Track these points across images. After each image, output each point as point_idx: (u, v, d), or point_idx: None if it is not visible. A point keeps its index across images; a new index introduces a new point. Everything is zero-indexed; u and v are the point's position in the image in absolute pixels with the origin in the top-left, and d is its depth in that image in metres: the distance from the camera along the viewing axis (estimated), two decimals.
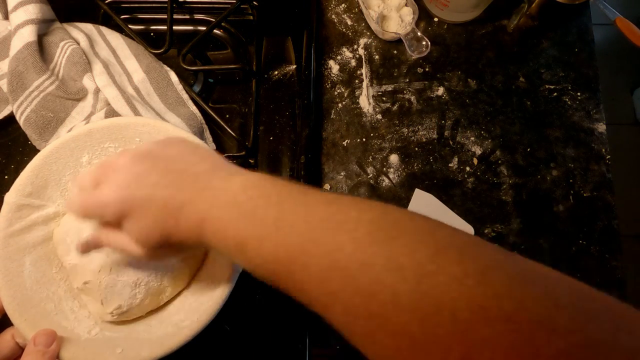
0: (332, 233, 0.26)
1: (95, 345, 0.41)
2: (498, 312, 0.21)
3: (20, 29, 0.50)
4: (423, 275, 0.23)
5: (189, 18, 0.60)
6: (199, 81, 0.57)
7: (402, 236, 0.25)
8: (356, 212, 0.26)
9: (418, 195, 0.57)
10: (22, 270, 0.42)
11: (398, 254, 0.24)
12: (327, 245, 0.26)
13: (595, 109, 0.60)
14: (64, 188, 0.45)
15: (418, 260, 0.23)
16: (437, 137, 0.59)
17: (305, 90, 0.57)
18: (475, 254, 0.24)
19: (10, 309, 0.40)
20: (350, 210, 0.27)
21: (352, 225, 0.26)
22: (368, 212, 0.26)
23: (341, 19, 0.64)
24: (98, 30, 0.56)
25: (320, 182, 0.57)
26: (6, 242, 0.42)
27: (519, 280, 0.22)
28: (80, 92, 0.52)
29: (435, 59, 0.62)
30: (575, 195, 0.57)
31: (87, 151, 0.46)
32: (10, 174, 0.54)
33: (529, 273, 0.23)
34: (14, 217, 0.43)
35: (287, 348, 0.49)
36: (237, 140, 0.54)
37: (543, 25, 0.63)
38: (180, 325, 0.41)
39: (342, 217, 0.26)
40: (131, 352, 0.40)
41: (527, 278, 0.23)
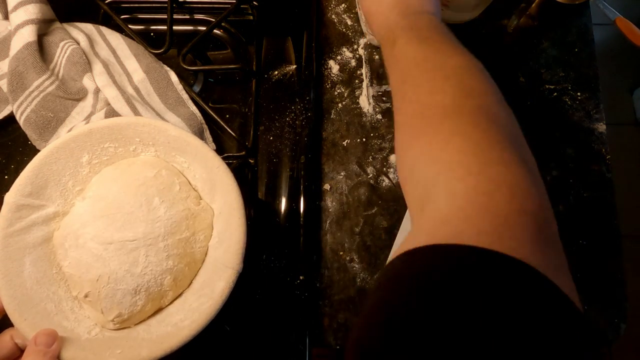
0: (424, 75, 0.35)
1: (95, 346, 0.41)
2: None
3: (20, 29, 0.50)
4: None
5: (189, 18, 0.60)
6: (199, 81, 0.57)
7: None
8: (443, 57, 0.36)
9: None
10: (22, 270, 0.42)
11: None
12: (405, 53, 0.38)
13: (595, 109, 0.60)
14: (64, 188, 0.45)
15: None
16: None
17: (305, 90, 0.57)
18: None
19: (10, 308, 0.40)
20: (439, 55, 0.37)
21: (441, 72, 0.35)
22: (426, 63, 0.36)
23: (341, 19, 0.64)
24: (98, 30, 0.56)
25: (320, 182, 0.57)
26: (6, 242, 0.42)
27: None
28: (80, 92, 0.52)
29: None
30: (575, 195, 0.57)
31: (87, 151, 0.46)
32: (10, 174, 0.54)
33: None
34: (14, 217, 0.43)
35: (287, 348, 0.49)
36: (237, 140, 0.54)
37: (543, 25, 0.63)
38: (180, 326, 0.41)
39: (430, 65, 0.35)
40: (131, 352, 0.40)
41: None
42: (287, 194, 0.53)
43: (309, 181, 0.54)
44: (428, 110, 0.31)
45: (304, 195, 0.53)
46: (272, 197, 0.53)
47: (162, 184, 0.45)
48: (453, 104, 0.30)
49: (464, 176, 0.26)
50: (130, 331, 0.43)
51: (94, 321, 0.43)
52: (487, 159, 0.26)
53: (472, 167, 0.26)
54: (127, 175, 0.45)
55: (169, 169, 0.47)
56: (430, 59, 0.35)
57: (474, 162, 0.26)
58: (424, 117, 0.31)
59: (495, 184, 0.25)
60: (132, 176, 0.45)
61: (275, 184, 0.54)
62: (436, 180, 0.27)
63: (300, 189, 0.53)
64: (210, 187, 0.46)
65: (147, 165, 0.46)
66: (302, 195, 0.53)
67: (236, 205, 0.44)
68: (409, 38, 0.38)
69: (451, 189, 0.26)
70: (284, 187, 0.54)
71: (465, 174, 0.26)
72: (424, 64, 0.35)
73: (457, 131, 0.29)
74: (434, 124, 0.30)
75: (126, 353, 0.40)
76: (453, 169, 0.27)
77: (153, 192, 0.44)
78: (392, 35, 0.39)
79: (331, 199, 0.57)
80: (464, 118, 0.29)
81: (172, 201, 0.44)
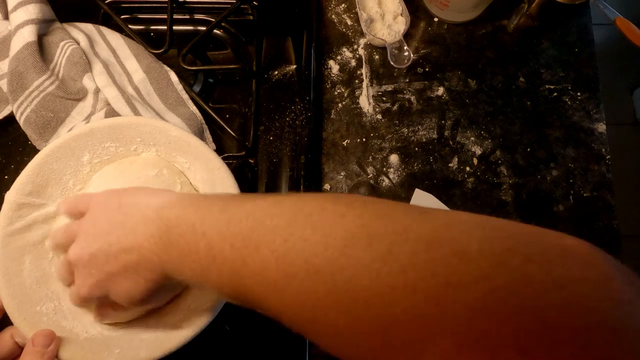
0: (255, 250, 0.27)
1: (93, 345, 0.41)
2: (404, 286, 0.21)
3: (20, 29, 0.50)
4: (336, 272, 0.23)
5: (189, 18, 0.60)
6: (199, 81, 0.57)
7: (315, 233, 0.25)
8: (270, 220, 0.27)
9: (418, 195, 0.57)
10: (22, 269, 0.42)
11: (313, 256, 0.24)
12: (255, 264, 0.26)
13: (595, 109, 0.60)
14: (64, 187, 0.45)
15: (330, 256, 0.24)
16: (437, 137, 0.59)
17: (305, 90, 0.57)
18: (384, 229, 0.24)
19: (10, 307, 0.40)
20: (265, 218, 0.27)
21: (271, 236, 0.26)
22: (281, 217, 0.27)
23: (341, 19, 0.64)
24: (98, 30, 0.56)
25: (320, 182, 0.57)
26: (6, 241, 0.42)
27: (425, 244, 0.22)
28: (80, 92, 0.52)
29: (435, 59, 0.62)
30: (575, 195, 0.57)
31: (87, 150, 0.46)
32: (10, 174, 0.54)
33: (439, 232, 0.23)
34: (14, 215, 0.42)
35: (287, 348, 0.49)
36: (237, 140, 0.54)
37: (543, 25, 0.63)
38: (180, 326, 0.41)
39: (261, 230, 0.27)
40: (130, 352, 0.40)
41: (435, 239, 0.23)
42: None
43: (309, 181, 0.54)
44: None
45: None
46: None
47: (164, 182, 0.45)
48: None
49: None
50: (129, 331, 0.43)
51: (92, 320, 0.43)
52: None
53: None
54: (128, 174, 0.45)
55: (170, 169, 0.47)
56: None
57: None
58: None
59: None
60: (133, 175, 0.45)
61: (275, 184, 0.54)
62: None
63: (300, 189, 0.53)
64: (211, 188, 0.46)
65: (148, 164, 0.46)
66: None
67: None
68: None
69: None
70: (284, 187, 0.54)
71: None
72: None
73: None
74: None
75: (125, 353, 0.40)
76: None
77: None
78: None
79: None
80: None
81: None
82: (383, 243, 0.23)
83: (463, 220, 0.24)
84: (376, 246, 0.23)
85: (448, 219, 0.24)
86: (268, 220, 0.27)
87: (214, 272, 0.28)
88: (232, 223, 0.28)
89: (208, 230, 0.29)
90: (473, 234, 0.22)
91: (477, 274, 0.20)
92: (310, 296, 0.24)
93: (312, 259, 0.24)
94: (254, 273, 0.26)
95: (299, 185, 0.53)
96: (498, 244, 0.22)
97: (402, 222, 0.24)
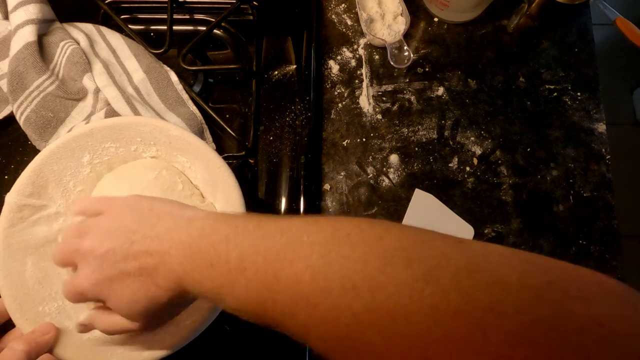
0: (289, 264, 0.26)
1: (96, 345, 0.41)
2: (447, 307, 0.22)
3: (20, 29, 0.50)
4: (375, 289, 0.23)
5: (189, 18, 0.60)
6: (199, 81, 0.57)
7: (353, 251, 0.25)
8: (307, 237, 0.27)
9: (418, 195, 0.57)
10: (24, 270, 0.42)
11: (351, 272, 0.24)
12: (287, 278, 0.26)
13: (595, 109, 0.60)
14: (65, 188, 0.45)
15: (369, 274, 0.24)
16: (437, 137, 0.59)
17: (305, 90, 0.57)
18: (423, 254, 0.24)
19: (12, 308, 0.40)
20: (302, 235, 0.27)
21: (307, 251, 0.26)
22: (319, 235, 0.27)
23: (341, 19, 0.64)
24: (98, 30, 0.56)
25: (320, 182, 0.57)
26: (8, 242, 0.42)
27: (466, 271, 0.23)
28: (80, 92, 0.52)
29: (435, 59, 0.62)
30: (575, 195, 0.57)
31: (88, 151, 0.46)
32: (10, 174, 0.54)
33: (477, 260, 0.23)
34: (15, 217, 0.43)
35: (287, 348, 0.49)
36: (237, 140, 0.54)
37: (543, 25, 0.63)
38: (181, 325, 0.41)
39: (296, 245, 0.27)
40: (133, 352, 0.40)
41: (475, 267, 0.23)
42: (287, 194, 0.53)
43: (309, 181, 0.54)
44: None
45: (304, 195, 0.53)
46: (272, 197, 0.53)
47: (165, 184, 0.45)
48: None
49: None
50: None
51: None
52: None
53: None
54: (128, 180, 0.45)
55: (169, 169, 0.47)
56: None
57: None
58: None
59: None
60: (133, 181, 0.45)
61: (275, 184, 0.54)
62: None
63: (300, 189, 0.53)
64: (211, 187, 0.46)
65: (146, 168, 0.46)
66: (302, 195, 0.53)
67: (238, 205, 0.44)
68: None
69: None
70: (284, 187, 0.54)
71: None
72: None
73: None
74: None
75: (128, 352, 0.40)
76: None
77: (157, 194, 0.44)
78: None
79: (331, 199, 0.57)
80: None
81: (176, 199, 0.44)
82: (423, 265, 0.23)
83: (500, 252, 0.24)
84: (416, 267, 0.23)
85: (486, 249, 0.24)
86: (305, 237, 0.27)
87: (242, 284, 0.28)
88: (266, 237, 0.28)
89: (241, 242, 0.29)
90: (512, 265, 0.23)
91: (519, 304, 0.21)
92: (345, 312, 0.24)
93: (350, 274, 0.24)
94: (285, 287, 0.26)
95: (299, 185, 0.53)
96: (537, 277, 0.22)
97: (440, 249, 0.24)
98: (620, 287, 0.22)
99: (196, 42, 0.55)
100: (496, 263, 0.23)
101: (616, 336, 0.19)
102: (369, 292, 0.23)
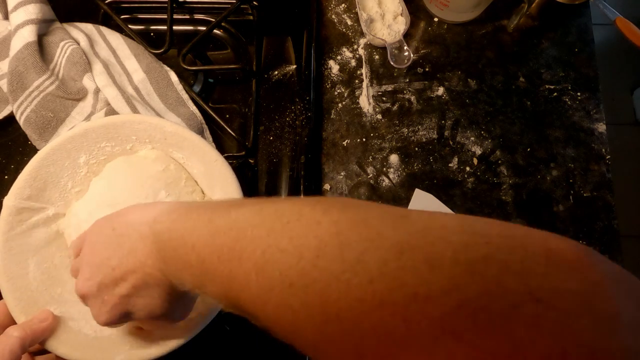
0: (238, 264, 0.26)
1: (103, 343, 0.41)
2: (372, 299, 0.20)
3: (20, 29, 0.50)
4: (308, 285, 0.23)
5: (189, 18, 0.60)
6: (199, 81, 0.57)
7: (290, 243, 0.24)
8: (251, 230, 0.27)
9: (418, 195, 0.57)
10: (26, 272, 0.42)
11: (287, 268, 0.24)
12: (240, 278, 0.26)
13: (595, 109, 0.60)
14: (62, 189, 0.45)
15: (303, 269, 0.23)
16: (437, 137, 0.59)
17: (305, 90, 0.57)
18: (357, 236, 0.22)
19: (16, 311, 0.40)
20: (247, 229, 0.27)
21: (252, 247, 0.26)
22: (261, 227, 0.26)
23: (341, 19, 0.64)
24: (98, 30, 0.56)
25: (320, 182, 0.57)
26: (9, 246, 0.42)
27: (397, 252, 0.21)
28: (80, 92, 0.52)
29: (435, 59, 0.62)
30: (575, 195, 0.57)
31: (84, 152, 0.46)
32: (10, 174, 0.54)
33: (413, 238, 0.21)
34: (15, 220, 0.43)
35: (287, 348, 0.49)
36: (237, 140, 0.54)
37: (543, 25, 0.63)
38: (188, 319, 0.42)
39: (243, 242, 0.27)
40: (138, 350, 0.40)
41: (408, 246, 0.21)
42: (287, 194, 0.53)
43: (309, 181, 0.54)
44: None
45: (304, 195, 0.53)
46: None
47: (170, 177, 0.46)
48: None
49: None
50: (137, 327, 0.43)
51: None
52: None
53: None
54: (138, 166, 0.46)
55: (176, 165, 0.47)
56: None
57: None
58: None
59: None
60: (142, 168, 0.45)
61: (275, 184, 0.54)
62: None
63: (300, 189, 0.53)
64: (209, 181, 0.47)
65: (157, 159, 0.47)
66: (302, 195, 0.53)
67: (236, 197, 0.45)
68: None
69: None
70: (284, 187, 0.54)
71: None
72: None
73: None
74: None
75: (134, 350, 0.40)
76: None
77: (160, 186, 0.45)
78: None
79: None
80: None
81: (178, 195, 0.45)
82: (355, 251, 0.22)
83: (442, 224, 0.22)
84: (347, 255, 0.22)
85: (426, 223, 0.22)
86: (249, 230, 0.26)
87: (209, 284, 0.28)
88: (217, 235, 0.28)
89: (197, 242, 0.29)
90: (451, 240, 0.20)
91: (447, 285, 0.19)
92: (287, 310, 0.24)
93: (287, 271, 0.23)
94: (240, 287, 0.26)
95: (299, 185, 0.53)
96: (475, 250, 0.19)
97: (376, 228, 0.22)
98: (570, 252, 0.19)
99: (196, 42, 0.55)
100: (433, 238, 0.21)
101: (553, 313, 0.17)
102: (304, 289, 0.23)
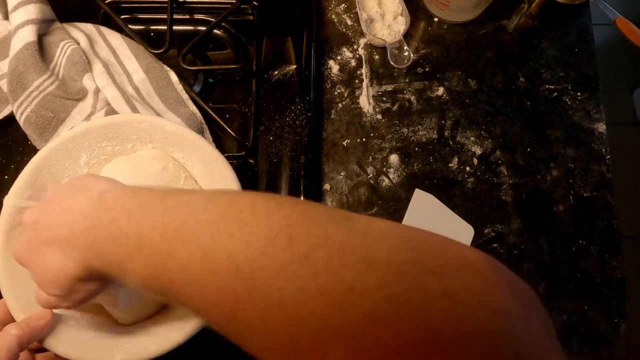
0: (182, 244, 0.26)
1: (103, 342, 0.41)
2: (314, 290, 0.22)
3: (20, 29, 0.50)
4: (255, 271, 0.23)
5: (189, 18, 0.60)
6: (199, 81, 0.57)
7: (240, 230, 0.25)
8: (202, 214, 0.27)
9: (418, 195, 0.57)
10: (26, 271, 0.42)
11: (235, 253, 0.24)
12: (181, 258, 0.26)
13: (595, 109, 0.60)
14: None
15: (251, 255, 0.24)
16: (437, 137, 0.59)
17: (305, 90, 0.57)
18: (306, 232, 0.24)
19: (16, 309, 0.40)
20: (197, 212, 0.27)
21: (199, 229, 0.26)
22: (212, 212, 0.27)
23: (341, 19, 0.64)
24: (98, 30, 0.56)
25: (320, 182, 0.57)
26: (9, 245, 0.42)
27: (341, 250, 0.23)
28: (80, 92, 0.52)
29: (435, 59, 0.62)
30: (575, 195, 0.57)
31: (84, 152, 0.46)
32: (10, 174, 0.54)
33: (355, 239, 0.24)
34: (15, 220, 0.43)
35: None
36: (237, 140, 0.54)
37: (543, 25, 0.63)
38: (185, 319, 0.42)
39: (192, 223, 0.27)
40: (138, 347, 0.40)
41: (350, 246, 0.23)
42: (287, 194, 0.53)
43: (309, 181, 0.54)
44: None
45: (304, 195, 0.53)
46: None
47: (169, 176, 0.46)
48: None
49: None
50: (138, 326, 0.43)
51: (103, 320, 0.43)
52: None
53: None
54: (137, 165, 0.46)
55: (175, 164, 0.47)
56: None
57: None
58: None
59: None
60: (141, 168, 0.45)
61: (275, 184, 0.54)
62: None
63: (300, 189, 0.53)
64: (209, 180, 0.47)
65: (156, 158, 0.47)
66: (302, 195, 0.53)
67: None
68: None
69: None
70: (284, 187, 0.54)
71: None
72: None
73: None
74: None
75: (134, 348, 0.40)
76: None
77: (160, 184, 0.45)
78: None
79: (331, 199, 0.57)
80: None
81: None
82: (304, 245, 0.23)
83: (379, 228, 0.24)
84: (296, 248, 0.23)
85: (368, 227, 0.25)
86: (199, 214, 0.27)
87: (141, 261, 0.28)
88: (166, 213, 0.28)
89: (143, 218, 0.29)
90: (384, 243, 0.23)
91: (379, 281, 0.21)
92: (230, 294, 0.24)
93: (234, 255, 0.24)
94: (179, 267, 0.26)
95: (299, 185, 0.53)
96: (404, 253, 0.22)
97: (324, 227, 0.24)
98: (480, 263, 0.22)
99: (196, 42, 0.55)
100: (371, 241, 0.23)
101: (461, 307, 0.20)
102: (250, 275, 0.23)
